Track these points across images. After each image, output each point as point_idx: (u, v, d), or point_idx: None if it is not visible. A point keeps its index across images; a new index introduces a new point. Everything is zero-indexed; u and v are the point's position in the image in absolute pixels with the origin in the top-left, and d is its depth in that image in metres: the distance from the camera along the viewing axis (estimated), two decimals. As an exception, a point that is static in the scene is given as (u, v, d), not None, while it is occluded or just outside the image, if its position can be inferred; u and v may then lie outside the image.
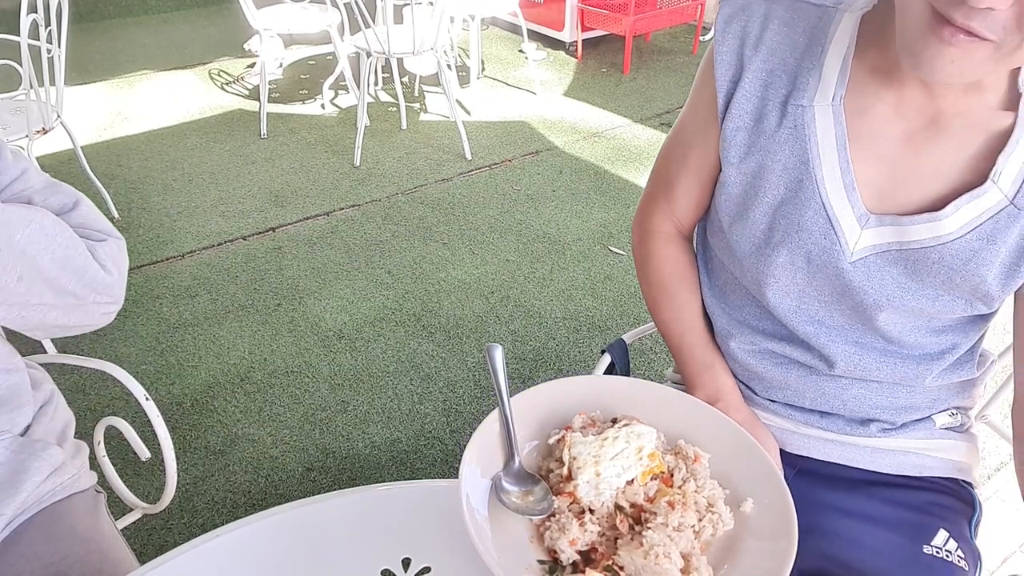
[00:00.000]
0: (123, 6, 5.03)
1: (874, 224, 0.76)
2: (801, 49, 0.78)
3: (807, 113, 0.77)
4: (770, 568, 0.61)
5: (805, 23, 0.78)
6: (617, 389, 0.78)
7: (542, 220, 2.87)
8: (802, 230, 0.79)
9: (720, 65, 0.81)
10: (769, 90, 0.79)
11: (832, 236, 0.78)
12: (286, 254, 2.65)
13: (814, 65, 0.77)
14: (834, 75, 0.76)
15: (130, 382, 1.03)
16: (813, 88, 0.77)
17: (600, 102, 3.91)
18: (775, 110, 0.79)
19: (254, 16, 3.24)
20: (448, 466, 1.86)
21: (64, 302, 0.77)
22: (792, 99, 0.78)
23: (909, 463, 0.88)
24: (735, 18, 0.81)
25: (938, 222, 0.73)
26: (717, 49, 0.82)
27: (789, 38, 0.78)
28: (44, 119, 2.37)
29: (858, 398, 0.87)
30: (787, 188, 0.79)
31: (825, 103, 0.76)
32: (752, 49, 0.80)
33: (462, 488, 0.64)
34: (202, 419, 1.97)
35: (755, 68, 0.79)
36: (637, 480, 0.67)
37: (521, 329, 2.31)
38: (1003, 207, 0.72)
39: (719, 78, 0.81)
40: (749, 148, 0.81)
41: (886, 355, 0.84)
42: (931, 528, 0.84)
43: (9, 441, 0.86)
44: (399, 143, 3.45)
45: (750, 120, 0.80)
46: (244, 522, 0.74)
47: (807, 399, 0.89)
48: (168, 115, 3.67)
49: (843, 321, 0.83)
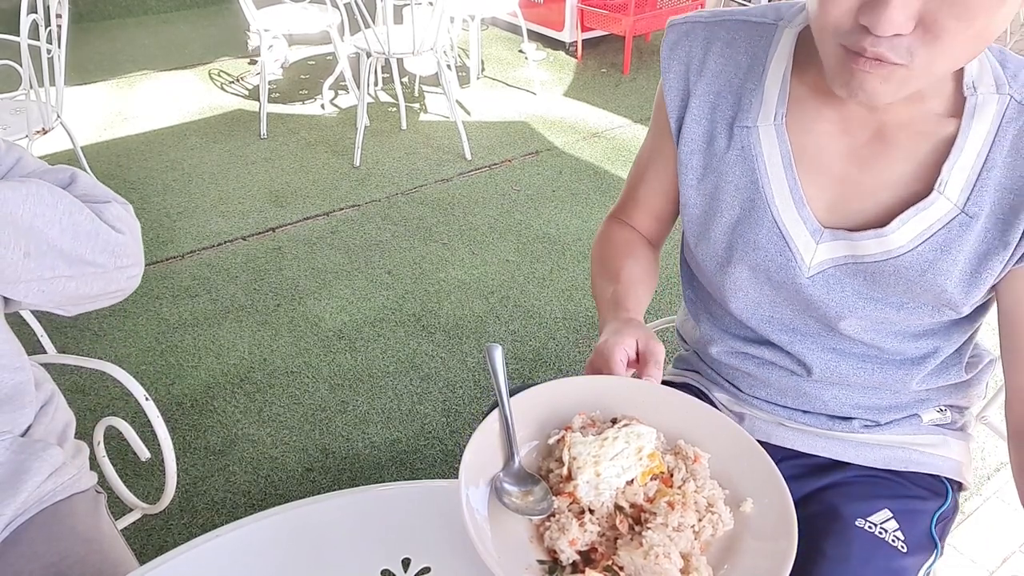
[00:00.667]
0: (123, 6, 5.02)
1: (828, 239, 0.77)
2: (744, 70, 0.79)
3: (752, 134, 0.78)
4: (770, 568, 0.61)
5: (746, 43, 0.79)
6: (617, 389, 0.78)
7: (542, 220, 2.87)
8: (758, 248, 0.80)
9: (668, 91, 0.83)
10: (716, 112, 0.81)
11: (787, 252, 0.79)
12: (286, 254, 2.65)
13: (756, 86, 0.78)
14: (775, 95, 0.77)
15: (130, 382, 1.03)
16: (756, 109, 0.78)
17: (600, 102, 3.91)
18: (723, 132, 0.80)
19: (254, 16, 3.24)
20: (448, 466, 1.86)
21: (81, 271, 0.75)
22: (738, 120, 0.79)
23: (896, 457, 0.88)
24: (679, 44, 0.82)
25: (885, 237, 0.74)
26: (664, 76, 0.83)
27: (732, 59, 0.80)
28: (44, 119, 2.37)
29: (839, 399, 0.87)
30: (741, 208, 0.81)
31: (768, 123, 0.77)
32: (696, 74, 0.81)
33: (462, 488, 0.64)
34: (202, 419, 1.97)
35: (701, 92, 0.81)
36: (637, 480, 0.67)
37: (521, 329, 2.31)
38: (954, 216, 0.72)
39: (669, 104, 0.83)
40: (704, 170, 0.82)
41: (865, 360, 0.84)
42: (874, 506, 0.84)
43: (10, 441, 0.86)
44: (399, 143, 3.45)
45: (702, 143, 0.82)
46: (244, 522, 0.74)
47: (788, 398, 0.90)
48: (168, 115, 3.67)
49: (817, 328, 0.84)
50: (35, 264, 0.71)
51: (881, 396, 0.86)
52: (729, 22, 0.81)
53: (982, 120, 0.71)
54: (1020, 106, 0.71)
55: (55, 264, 0.72)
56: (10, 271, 0.70)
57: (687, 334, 1.02)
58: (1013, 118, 0.71)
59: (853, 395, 0.87)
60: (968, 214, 0.72)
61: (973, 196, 0.71)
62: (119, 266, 0.79)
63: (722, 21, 0.81)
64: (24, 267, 0.70)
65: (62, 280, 0.74)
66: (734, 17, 0.81)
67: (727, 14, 0.82)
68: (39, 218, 0.70)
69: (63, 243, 0.72)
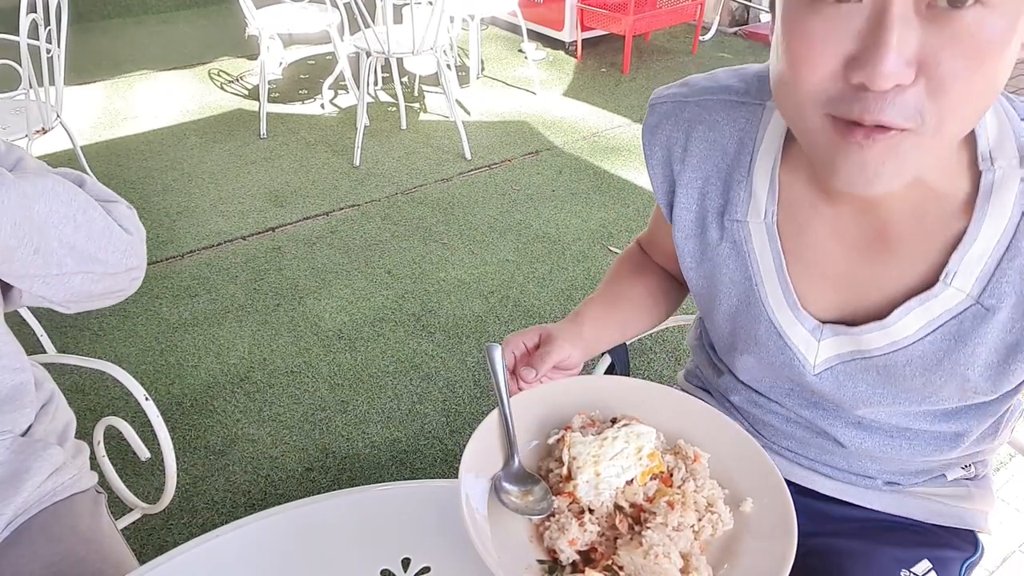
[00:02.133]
0: (123, 6, 5.02)
1: (829, 335, 0.71)
2: (731, 156, 0.72)
3: (743, 228, 0.72)
4: (770, 568, 0.61)
5: (731, 126, 0.72)
6: (617, 389, 0.78)
7: (542, 220, 2.87)
8: (759, 343, 0.76)
9: (654, 179, 0.78)
10: (706, 200, 0.74)
11: (788, 352, 0.74)
12: (286, 254, 2.65)
13: (743, 177, 0.71)
14: (764, 190, 0.70)
15: (130, 382, 1.03)
16: (745, 203, 0.71)
17: (600, 102, 3.91)
18: (714, 222, 0.75)
19: (254, 16, 3.24)
20: (448, 466, 1.86)
21: (90, 268, 0.75)
22: (727, 213, 0.73)
23: (919, 507, 0.85)
24: (659, 129, 0.76)
25: (888, 329, 0.67)
26: (648, 163, 0.77)
27: (717, 144, 0.72)
28: (44, 119, 2.37)
29: (866, 466, 0.83)
30: (739, 299, 0.76)
31: (758, 220, 0.71)
32: (680, 162, 0.75)
33: (462, 488, 0.64)
34: (202, 419, 1.97)
35: (687, 181, 0.75)
36: (637, 480, 0.67)
37: (521, 329, 2.31)
38: (967, 307, 0.63)
39: (656, 191, 0.78)
40: (700, 256, 0.78)
41: (893, 437, 0.78)
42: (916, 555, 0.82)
43: (10, 441, 0.86)
44: (399, 143, 3.45)
45: (695, 229, 0.77)
46: (244, 522, 0.74)
47: (812, 451, 0.85)
48: (168, 115, 3.67)
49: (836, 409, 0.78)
50: (43, 260, 0.70)
51: (911, 466, 0.82)
52: (710, 101, 0.73)
53: (1002, 202, 0.60)
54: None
55: (64, 260, 0.72)
56: (19, 265, 0.69)
57: (705, 374, 0.95)
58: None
59: (882, 464, 0.83)
60: (984, 306, 0.63)
61: (991, 287, 0.62)
62: (128, 267, 0.79)
63: (702, 100, 0.73)
64: (33, 262, 0.70)
65: (69, 276, 0.74)
66: (716, 96, 0.73)
67: (708, 90, 0.74)
68: (54, 214, 0.70)
69: (76, 240, 0.72)
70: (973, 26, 0.47)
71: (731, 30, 4.90)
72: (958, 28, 0.47)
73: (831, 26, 0.49)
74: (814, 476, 0.87)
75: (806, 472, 0.87)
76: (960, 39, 0.47)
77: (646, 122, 0.77)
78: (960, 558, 0.85)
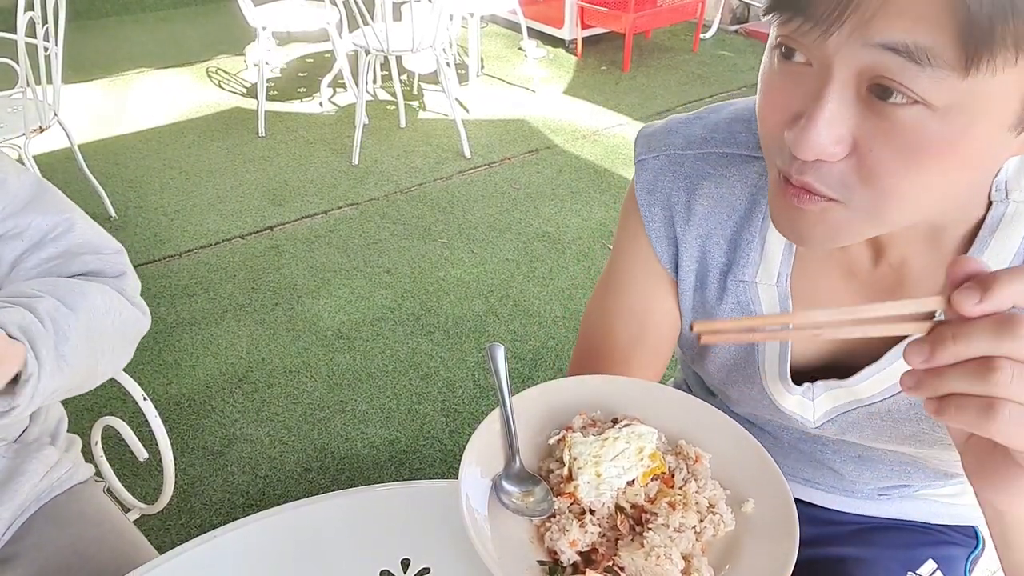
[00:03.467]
0: (120, 4, 5.02)
1: (822, 391, 0.69)
2: (740, 213, 0.67)
3: (751, 290, 0.68)
4: (772, 569, 0.60)
5: (742, 182, 0.67)
6: (617, 389, 0.78)
7: (541, 219, 2.87)
8: (753, 400, 0.74)
9: (656, 241, 0.72)
10: (708, 259, 0.70)
11: (782, 415, 0.72)
12: (284, 253, 2.65)
13: (754, 236, 0.67)
14: (778, 253, 0.66)
15: (127, 382, 1.02)
16: (755, 263, 0.67)
17: (600, 100, 3.90)
18: (716, 281, 0.71)
19: (252, 14, 3.23)
20: (447, 466, 1.85)
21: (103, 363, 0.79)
22: (733, 273, 0.69)
23: (919, 509, 0.85)
24: (656, 187, 0.70)
25: (881, 373, 0.64)
26: (647, 225, 0.72)
27: (724, 200, 0.68)
28: (41, 118, 2.36)
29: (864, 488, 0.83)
30: (735, 360, 0.74)
31: (769, 283, 0.67)
32: (683, 223, 0.70)
33: (462, 488, 0.64)
34: (200, 419, 1.97)
35: (690, 243, 0.70)
36: (638, 481, 0.67)
37: (521, 328, 2.31)
38: None
39: (658, 251, 0.73)
40: (695, 314, 0.75)
41: (893, 469, 0.77)
42: (919, 556, 0.81)
43: (4, 448, 0.86)
44: (398, 141, 3.44)
45: (695, 284, 0.73)
46: (242, 523, 0.73)
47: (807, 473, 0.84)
48: (165, 113, 3.66)
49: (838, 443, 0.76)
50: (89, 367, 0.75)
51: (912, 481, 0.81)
52: (715, 156, 0.68)
53: (1010, 235, 0.56)
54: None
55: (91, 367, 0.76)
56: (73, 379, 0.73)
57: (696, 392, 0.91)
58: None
59: (880, 482, 0.81)
60: None
61: None
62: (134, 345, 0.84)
63: (704, 154, 0.68)
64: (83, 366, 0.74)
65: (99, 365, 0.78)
66: (719, 150, 0.68)
67: (709, 142, 0.69)
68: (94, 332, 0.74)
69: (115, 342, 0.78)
70: (909, 125, 0.44)
71: (732, 28, 4.89)
72: (893, 123, 0.44)
73: (787, 83, 0.49)
74: (812, 491, 0.86)
75: (803, 488, 0.86)
76: (894, 134, 0.44)
77: (639, 181, 0.71)
78: (963, 554, 0.85)
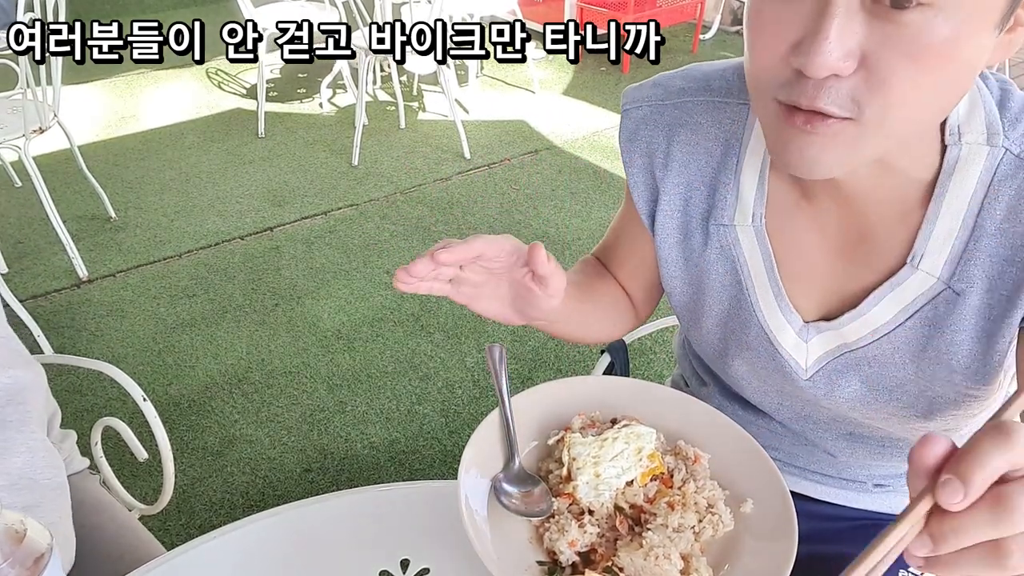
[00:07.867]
0: (120, 4, 5.01)
1: (814, 334, 0.70)
2: (716, 159, 0.71)
3: (730, 233, 0.71)
4: (770, 569, 0.60)
5: (715, 128, 0.70)
6: (617, 389, 0.78)
7: (541, 219, 2.87)
8: (750, 348, 0.75)
9: (635, 188, 0.75)
10: (689, 206, 0.73)
11: (779, 358, 0.73)
12: (284, 254, 2.65)
13: (730, 180, 0.70)
14: (751, 193, 0.69)
15: (127, 383, 1.02)
16: (732, 207, 0.70)
17: (599, 101, 3.90)
18: (699, 229, 0.73)
19: (252, 14, 3.23)
20: (447, 467, 1.85)
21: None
22: (713, 218, 0.71)
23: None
24: (638, 134, 0.73)
25: (864, 316, 0.67)
26: (627, 171, 0.75)
27: (702, 147, 0.71)
28: (41, 119, 2.36)
29: (856, 473, 0.83)
30: (729, 304, 0.75)
31: (746, 224, 0.70)
32: (662, 168, 0.73)
33: (461, 489, 0.64)
34: (200, 420, 1.97)
35: (670, 188, 0.73)
36: (637, 481, 0.67)
37: (520, 328, 2.31)
38: (939, 291, 0.63)
39: (637, 200, 0.76)
40: (685, 263, 0.76)
41: (884, 447, 0.78)
42: None
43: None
44: (397, 142, 3.44)
45: (678, 236, 0.75)
46: (242, 523, 0.73)
47: (800, 460, 0.85)
48: (165, 114, 3.66)
49: (830, 416, 0.77)
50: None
51: (901, 469, 0.82)
52: (691, 103, 0.71)
53: (965, 178, 0.60)
54: (1019, 160, 0.59)
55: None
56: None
57: (690, 385, 0.93)
58: (1008, 175, 0.59)
59: (872, 469, 0.82)
60: (955, 290, 0.62)
61: (960, 271, 0.61)
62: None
63: (682, 102, 0.72)
64: None
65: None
66: (696, 98, 0.71)
67: (686, 91, 0.72)
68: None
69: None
70: (916, 27, 0.47)
71: (732, 29, 4.89)
72: (900, 27, 0.47)
73: (781, 13, 0.50)
74: (804, 483, 0.86)
75: (795, 479, 0.86)
76: (902, 38, 0.47)
77: (622, 128, 0.75)
78: None
